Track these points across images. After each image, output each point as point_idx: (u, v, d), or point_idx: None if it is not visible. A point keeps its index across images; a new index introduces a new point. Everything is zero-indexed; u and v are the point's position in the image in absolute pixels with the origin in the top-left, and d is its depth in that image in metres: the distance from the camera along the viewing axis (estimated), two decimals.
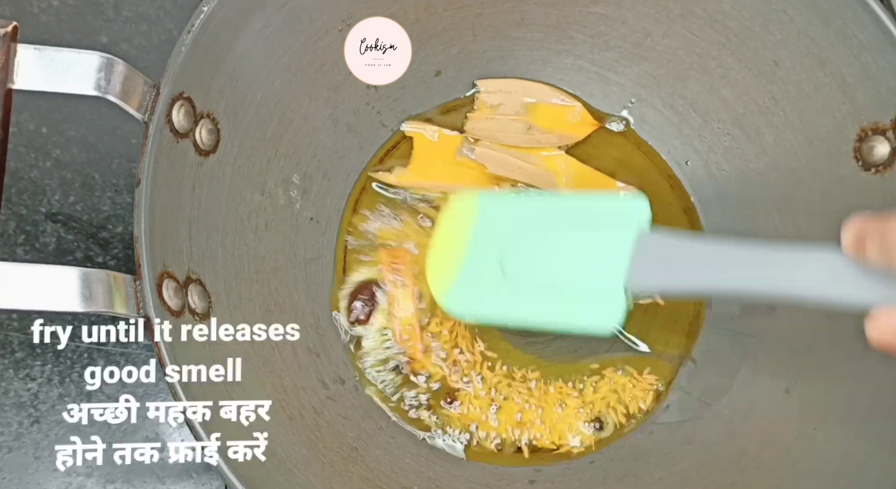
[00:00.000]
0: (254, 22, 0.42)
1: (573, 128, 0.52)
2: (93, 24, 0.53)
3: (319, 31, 0.46)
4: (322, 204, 0.49)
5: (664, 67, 0.50)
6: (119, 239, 0.50)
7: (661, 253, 0.39)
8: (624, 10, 0.49)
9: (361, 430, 0.45)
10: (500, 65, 0.52)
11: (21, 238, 0.50)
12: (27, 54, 0.35)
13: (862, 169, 0.43)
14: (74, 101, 0.36)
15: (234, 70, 0.42)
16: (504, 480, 0.46)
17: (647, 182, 0.52)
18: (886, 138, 0.42)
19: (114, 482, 0.46)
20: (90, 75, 0.35)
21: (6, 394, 0.47)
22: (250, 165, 0.45)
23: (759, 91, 0.47)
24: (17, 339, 0.48)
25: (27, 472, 0.46)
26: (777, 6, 0.44)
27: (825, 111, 0.44)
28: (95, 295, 0.34)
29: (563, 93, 0.52)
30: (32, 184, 0.50)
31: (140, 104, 0.37)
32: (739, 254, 0.37)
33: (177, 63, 0.38)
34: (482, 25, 0.51)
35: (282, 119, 0.46)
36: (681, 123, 0.51)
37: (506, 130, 0.51)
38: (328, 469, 0.42)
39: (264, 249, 0.46)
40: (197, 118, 0.40)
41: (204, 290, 0.40)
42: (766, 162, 0.48)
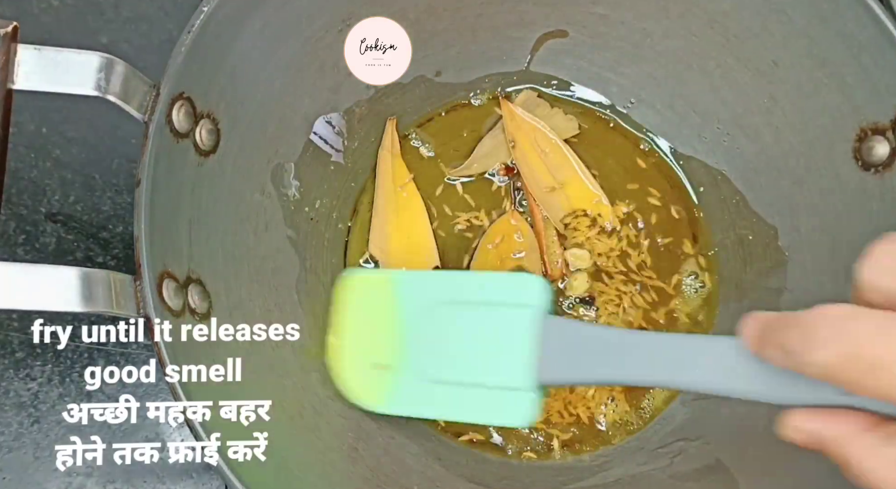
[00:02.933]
0: (254, 22, 0.42)
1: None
2: (93, 24, 0.53)
3: (319, 31, 0.46)
4: (322, 204, 0.49)
5: (664, 67, 0.50)
6: (119, 239, 0.50)
7: (566, 342, 0.39)
8: (624, 10, 0.49)
9: (361, 430, 0.45)
10: (500, 65, 0.52)
11: (21, 238, 0.50)
12: (27, 54, 0.35)
13: (861, 169, 0.43)
14: (74, 101, 0.36)
15: (234, 70, 0.42)
16: (505, 480, 0.46)
17: (646, 182, 0.52)
18: (886, 138, 0.42)
19: (114, 482, 0.46)
20: (90, 75, 0.35)
21: (6, 394, 0.47)
22: (250, 165, 0.45)
23: (759, 91, 0.47)
24: (17, 339, 0.48)
25: (27, 472, 0.46)
26: (777, 6, 0.44)
27: (825, 111, 0.44)
28: (95, 295, 0.34)
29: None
30: (32, 184, 0.50)
31: (140, 104, 0.37)
32: (641, 343, 0.36)
33: (177, 63, 0.38)
34: (482, 25, 0.51)
35: (282, 119, 0.46)
36: (681, 123, 0.51)
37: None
38: (328, 469, 0.42)
39: (264, 249, 0.46)
40: (197, 118, 0.40)
41: (204, 290, 0.40)
42: (766, 162, 0.48)
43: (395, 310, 0.43)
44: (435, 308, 0.42)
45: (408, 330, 0.43)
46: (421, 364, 0.42)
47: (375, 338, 0.43)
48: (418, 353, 0.42)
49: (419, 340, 0.42)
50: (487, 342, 0.41)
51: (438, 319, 0.42)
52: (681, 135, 0.52)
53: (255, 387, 0.41)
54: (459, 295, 0.42)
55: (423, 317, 0.42)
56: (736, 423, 0.46)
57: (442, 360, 0.42)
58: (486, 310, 0.41)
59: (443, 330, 0.42)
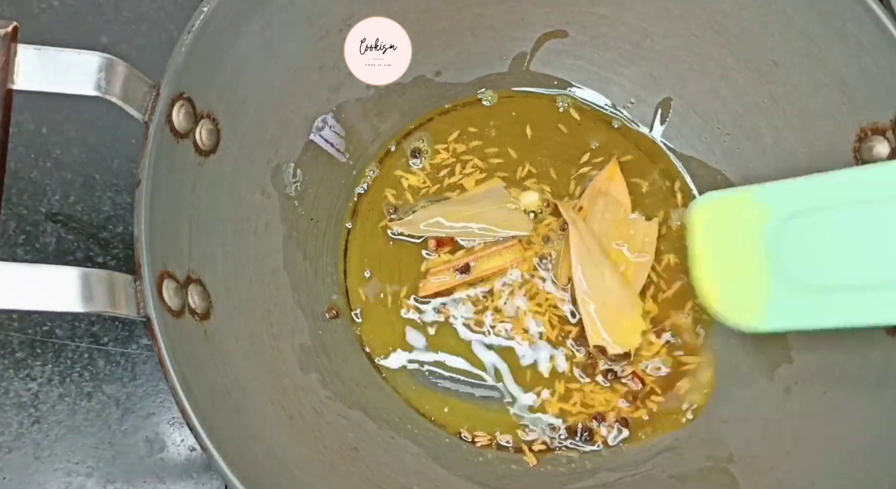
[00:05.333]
0: (254, 22, 0.42)
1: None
2: (93, 24, 0.53)
3: (319, 31, 0.46)
4: (322, 204, 0.49)
5: (664, 67, 0.50)
6: (119, 239, 0.50)
7: None
8: (624, 10, 0.49)
9: (361, 430, 0.45)
10: (500, 65, 0.52)
11: (21, 238, 0.50)
12: (27, 54, 0.35)
13: None
14: (74, 101, 0.36)
15: (234, 70, 0.42)
16: (505, 480, 0.46)
17: (646, 182, 0.52)
18: (886, 138, 0.42)
19: (114, 482, 0.46)
20: (90, 76, 0.35)
21: (6, 394, 0.47)
22: (250, 165, 0.45)
23: (759, 91, 0.47)
24: (17, 339, 0.48)
25: (27, 472, 0.46)
26: (777, 6, 0.44)
27: (825, 111, 0.44)
28: (95, 295, 0.34)
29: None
30: (32, 184, 0.50)
31: (140, 104, 0.37)
32: None
33: (177, 63, 0.38)
34: (482, 25, 0.51)
35: (282, 119, 0.46)
36: (681, 123, 0.51)
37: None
38: (328, 469, 0.42)
39: (264, 249, 0.46)
40: (197, 118, 0.40)
41: (204, 290, 0.40)
42: (766, 162, 0.48)
43: (762, 224, 0.42)
44: (805, 215, 0.41)
45: (778, 241, 0.41)
46: (798, 273, 0.41)
47: (745, 257, 0.42)
48: (794, 264, 0.41)
49: (792, 250, 0.41)
50: (871, 240, 0.39)
51: (811, 226, 0.41)
52: (681, 134, 0.52)
53: (255, 387, 0.41)
54: (830, 198, 0.41)
55: (794, 225, 0.41)
56: (736, 424, 0.46)
57: (821, 266, 0.40)
58: (865, 208, 0.39)
59: (818, 235, 0.41)
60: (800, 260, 0.41)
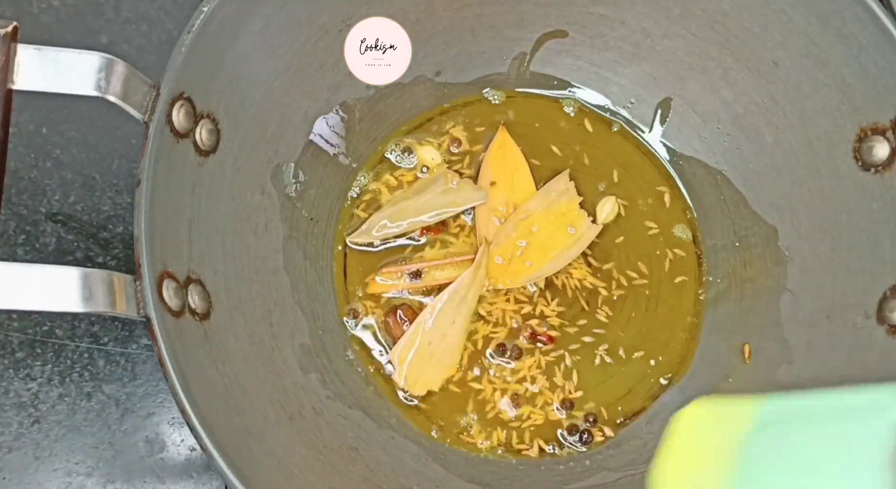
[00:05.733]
0: (254, 22, 0.42)
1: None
2: (93, 24, 0.53)
3: (319, 31, 0.46)
4: (322, 204, 0.49)
5: (664, 67, 0.50)
6: (119, 239, 0.50)
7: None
8: (624, 10, 0.49)
9: (361, 430, 0.45)
10: (501, 65, 0.52)
11: (21, 238, 0.50)
12: (27, 54, 0.35)
13: (861, 169, 0.43)
14: (74, 101, 0.36)
15: (234, 70, 0.42)
16: (505, 480, 0.46)
17: (645, 182, 0.52)
18: (886, 138, 0.42)
19: (114, 482, 0.46)
20: (90, 75, 0.35)
21: (6, 394, 0.47)
22: (250, 165, 0.45)
23: (759, 91, 0.47)
24: (17, 339, 0.48)
25: (27, 472, 0.46)
26: (777, 6, 0.44)
27: (825, 111, 0.44)
28: (95, 295, 0.34)
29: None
30: (32, 184, 0.50)
31: (140, 104, 0.37)
32: None
33: (177, 63, 0.38)
34: (482, 25, 0.51)
35: (282, 119, 0.46)
36: (681, 123, 0.51)
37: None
38: (328, 469, 0.42)
39: (264, 249, 0.46)
40: (197, 118, 0.40)
41: (204, 290, 0.40)
42: (765, 162, 0.48)
43: (740, 434, 0.37)
44: (783, 430, 0.36)
45: (748, 457, 0.36)
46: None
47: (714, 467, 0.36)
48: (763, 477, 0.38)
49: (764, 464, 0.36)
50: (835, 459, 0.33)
51: (780, 442, 0.36)
52: (680, 135, 0.52)
53: (255, 387, 0.41)
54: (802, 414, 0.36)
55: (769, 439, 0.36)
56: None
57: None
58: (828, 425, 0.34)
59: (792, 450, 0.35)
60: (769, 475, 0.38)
